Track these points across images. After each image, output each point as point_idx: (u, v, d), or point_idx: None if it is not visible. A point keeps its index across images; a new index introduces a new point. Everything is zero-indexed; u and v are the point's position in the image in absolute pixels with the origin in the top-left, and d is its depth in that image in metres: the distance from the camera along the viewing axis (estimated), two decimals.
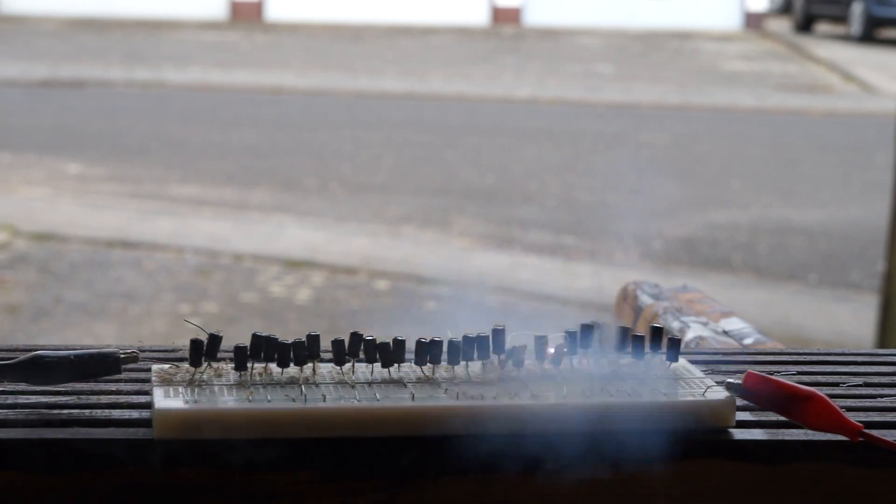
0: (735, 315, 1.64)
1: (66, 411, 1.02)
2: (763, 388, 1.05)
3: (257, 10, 19.12)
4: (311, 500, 0.99)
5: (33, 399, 1.05)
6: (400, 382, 1.05)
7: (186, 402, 0.99)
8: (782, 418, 1.05)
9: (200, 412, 0.98)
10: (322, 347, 1.06)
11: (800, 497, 1.03)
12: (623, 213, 7.78)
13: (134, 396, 1.06)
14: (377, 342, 1.05)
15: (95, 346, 1.09)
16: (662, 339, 1.09)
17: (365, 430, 0.99)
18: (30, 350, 1.10)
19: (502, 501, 1.01)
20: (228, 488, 0.99)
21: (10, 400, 1.04)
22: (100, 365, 1.05)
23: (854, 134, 11.19)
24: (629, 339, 1.08)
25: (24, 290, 5.86)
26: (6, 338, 5.20)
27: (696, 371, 1.10)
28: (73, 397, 1.05)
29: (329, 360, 1.06)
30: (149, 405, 1.03)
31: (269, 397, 1.01)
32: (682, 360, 1.10)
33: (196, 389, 1.02)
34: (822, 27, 20.34)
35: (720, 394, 1.05)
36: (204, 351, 1.04)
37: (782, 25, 20.73)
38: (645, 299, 1.67)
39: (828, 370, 1.20)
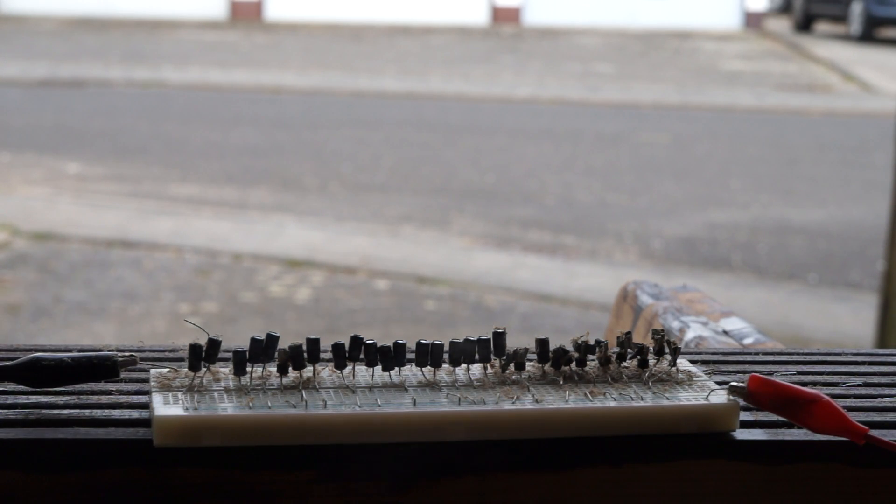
0: (735, 315, 1.63)
1: (66, 411, 1.02)
2: (767, 391, 1.05)
3: (257, 9, 19.12)
4: (311, 500, 0.99)
5: (33, 399, 1.04)
6: (401, 386, 1.04)
7: (186, 409, 0.99)
8: (783, 418, 1.05)
9: (201, 420, 0.98)
10: (321, 347, 1.06)
11: (800, 497, 1.03)
12: (623, 213, 7.78)
13: (134, 396, 1.06)
14: (378, 346, 1.05)
15: (94, 348, 1.08)
16: (664, 341, 1.09)
17: (367, 437, 0.99)
18: (29, 350, 1.10)
19: (503, 502, 1.01)
20: (228, 488, 0.99)
21: (10, 400, 1.04)
22: (97, 369, 1.05)
23: (854, 134, 11.20)
24: (630, 342, 1.08)
25: (23, 290, 5.86)
26: (6, 338, 5.20)
27: (699, 373, 1.09)
28: (73, 397, 1.05)
29: (329, 361, 1.05)
30: (148, 405, 1.03)
31: (269, 403, 1.00)
32: (683, 361, 1.10)
33: (195, 395, 1.01)
34: (822, 27, 20.36)
35: (723, 397, 1.05)
36: (203, 355, 1.03)
37: (782, 25, 20.75)
38: (645, 299, 1.67)
39: (828, 370, 1.20)
